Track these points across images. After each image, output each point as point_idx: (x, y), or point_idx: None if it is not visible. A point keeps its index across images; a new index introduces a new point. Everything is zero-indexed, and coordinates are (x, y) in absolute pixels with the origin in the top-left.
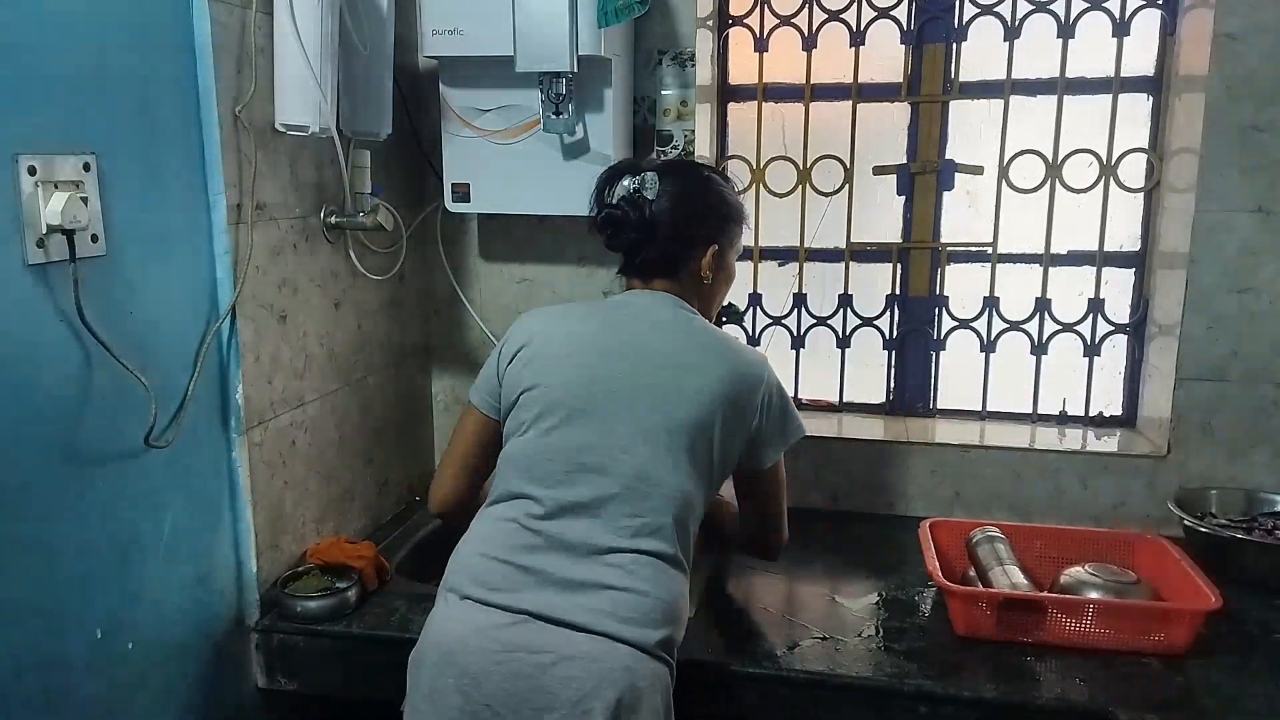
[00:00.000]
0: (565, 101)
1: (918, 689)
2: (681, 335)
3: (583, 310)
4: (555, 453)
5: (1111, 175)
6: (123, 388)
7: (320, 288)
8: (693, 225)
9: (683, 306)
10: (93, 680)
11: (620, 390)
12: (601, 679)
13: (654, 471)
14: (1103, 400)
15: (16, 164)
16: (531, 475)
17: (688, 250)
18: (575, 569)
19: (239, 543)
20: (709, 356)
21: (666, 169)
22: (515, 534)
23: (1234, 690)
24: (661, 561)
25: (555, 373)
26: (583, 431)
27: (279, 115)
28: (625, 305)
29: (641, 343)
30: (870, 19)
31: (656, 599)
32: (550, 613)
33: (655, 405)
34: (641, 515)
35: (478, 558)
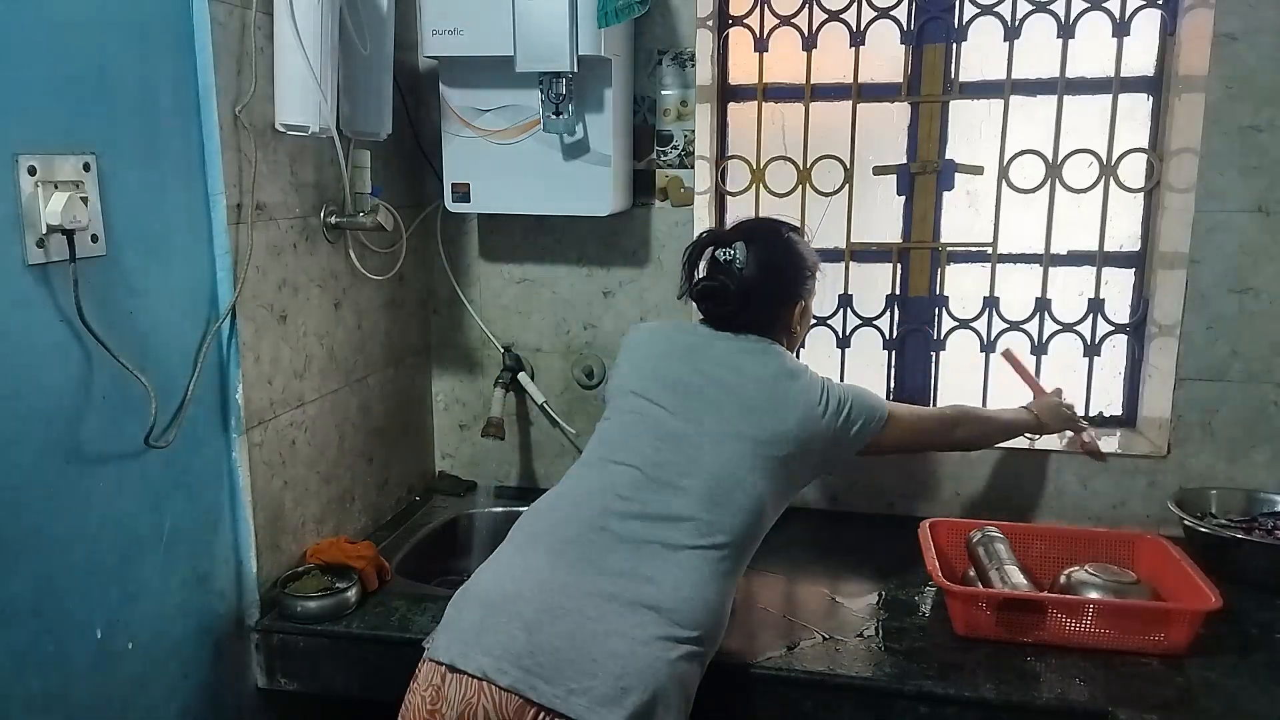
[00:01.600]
0: (565, 101)
1: (918, 689)
2: (775, 362)
3: (688, 327)
4: (644, 430)
5: (1111, 175)
6: (123, 388)
7: (320, 288)
8: (783, 289)
9: (772, 345)
10: (93, 680)
11: (712, 398)
12: (644, 668)
13: (731, 474)
14: (1103, 400)
15: (16, 164)
16: (621, 445)
17: (779, 313)
18: (638, 556)
19: (239, 543)
20: (797, 384)
21: (751, 235)
22: (597, 497)
23: (1234, 690)
24: (718, 566)
25: (648, 368)
26: (671, 419)
27: (279, 115)
28: (722, 335)
29: (735, 363)
30: (870, 19)
31: (704, 600)
32: (611, 589)
33: (743, 415)
34: (713, 517)
35: (565, 505)
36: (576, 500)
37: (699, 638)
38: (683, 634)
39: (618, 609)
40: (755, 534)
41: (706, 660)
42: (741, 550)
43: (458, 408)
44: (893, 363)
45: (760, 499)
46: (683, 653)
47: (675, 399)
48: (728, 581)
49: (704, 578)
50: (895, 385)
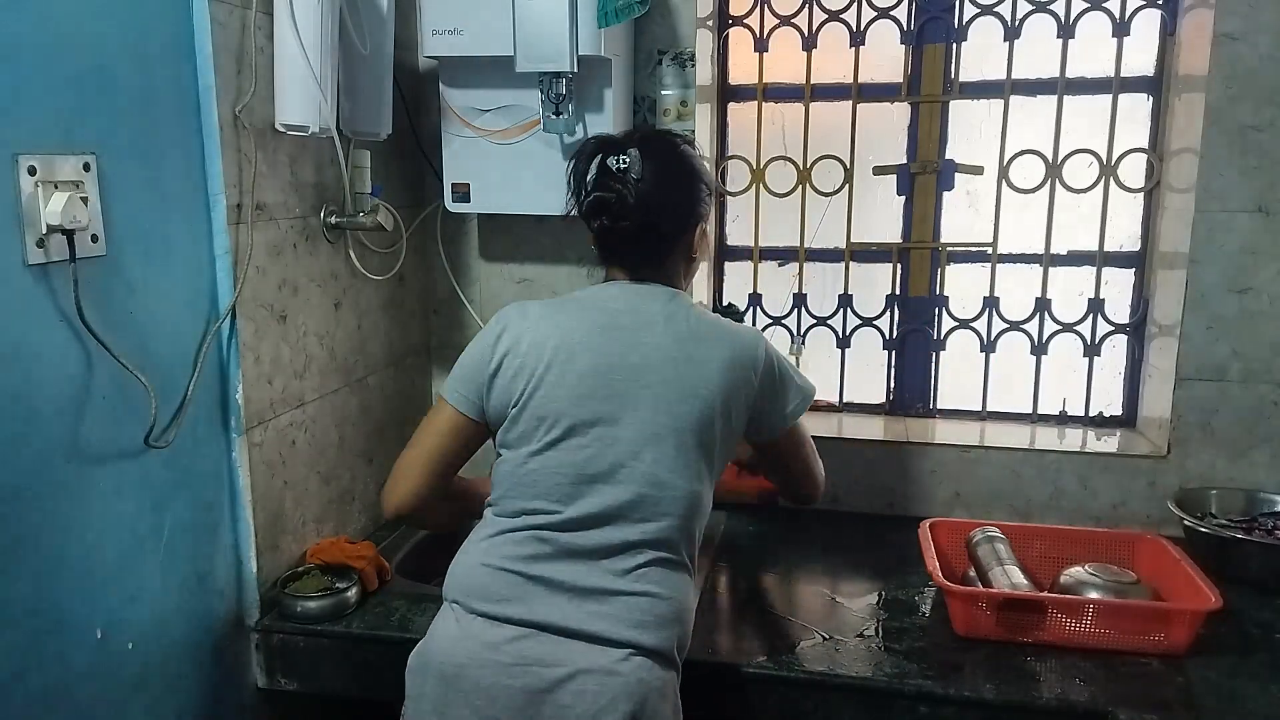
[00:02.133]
0: (565, 101)
1: (918, 689)
2: (676, 328)
3: (573, 308)
4: (562, 466)
5: (1111, 175)
6: (123, 388)
7: (320, 288)
8: (682, 205)
9: (675, 296)
10: (93, 680)
11: (623, 394)
12: (616, 693)
13: (665, 475)
14: (1103, 400)
15: (16, 164)
16: (538, 492)
17: (679, 232)
18: (588, 576)
19: (239, 543)
20: (706, 347)
21: (646, 143)
22: (523, 544)
23: (1234, 690)
24: (671, 566)
25: (551, 382)
26: (588, 442)
27: (279, 115)
28: (615, 299)
29: (639, 340)
30: (870, 19)
31: (669, 601)
32: (563, 623)
33: (660, 406)
34: (653, 520)
35: (482, 569)
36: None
37: (672, 643)
38: (653, 641)
39: (581, 646)
40: (697, 523)
41: (681, 664)
42: (690, 545)
43: None
44: (893, 363)
45: (695, 489)
46: (653, 665)
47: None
48: (688, 580)
49: (663, 582)
50: (895, 385)
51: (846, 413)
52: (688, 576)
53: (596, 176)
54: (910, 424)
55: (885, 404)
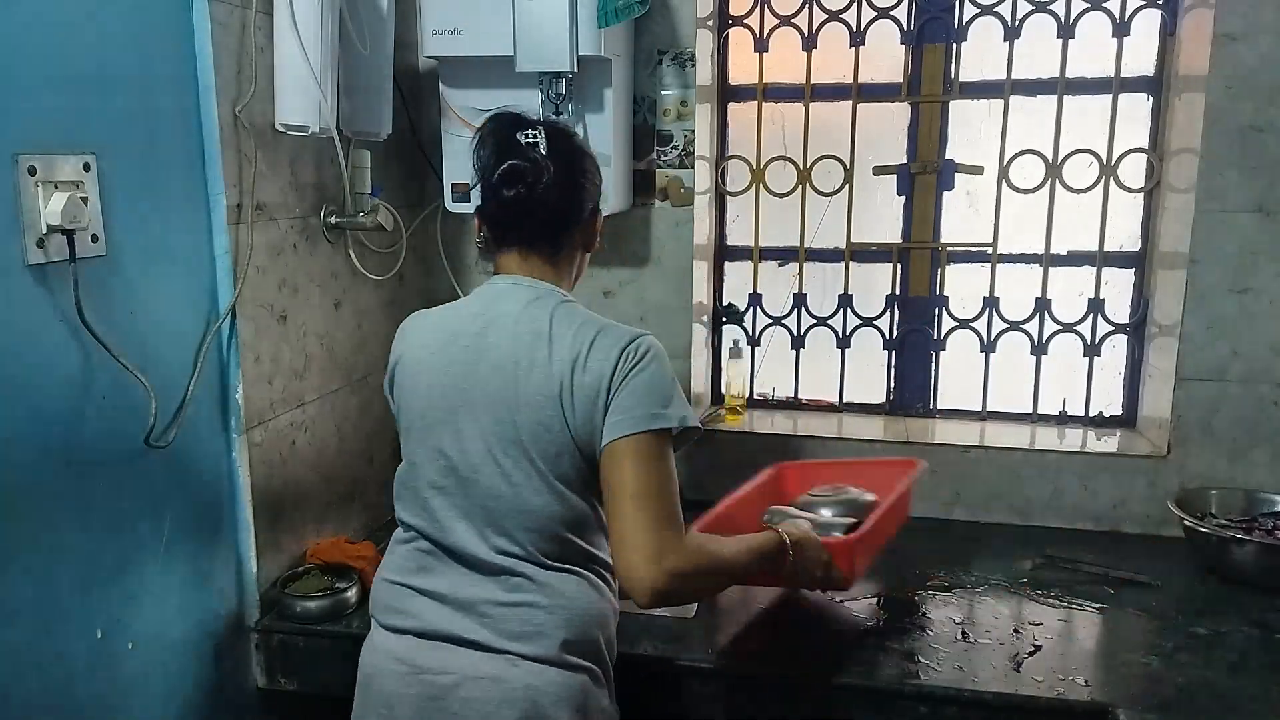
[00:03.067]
0: (565, 101)
1: (918, 689)
2: (523, 332)
3: (435, 320)
4: (420, 480)
5: (1111, 175)
6: (123, 388)
7: (320, 288)
8: (584, 188)
9: (545, 293)
10: (93, 680)
11: (467, 405)
12: (502, 699)
13: (506, 490)
14: (1103, 400)
15: (16, 164)
16: (405, 501)
17: (580, 215)
18: (468, 588)
19: (239, 543)
20: (559, 349)
21: (549, 126)
22: (409, 557)
23: (1234, 690)
24: (546, 570)
25: (412, 390)
26: (438, 454)
27: (279, 115)
28: (480, 299)
29: (485, 347)
30: (870, 19)
31: (550, 609)
32: (450, 631)
33: (502, 415)
34: (512, 532)
35: (383, 584)
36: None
37: (566, 649)
38: (541, 650)
39: (468, 654)
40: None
41: (595, 664)
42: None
43: None
44: (893, 363)
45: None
46: (544, 670)
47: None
48: (580, 582)
49: (539, 597)
50: (895, 385)
51: (846, 413)
52: (575, 576)
53: (507, 148)
54: (910, 424)
55: (885, 404)
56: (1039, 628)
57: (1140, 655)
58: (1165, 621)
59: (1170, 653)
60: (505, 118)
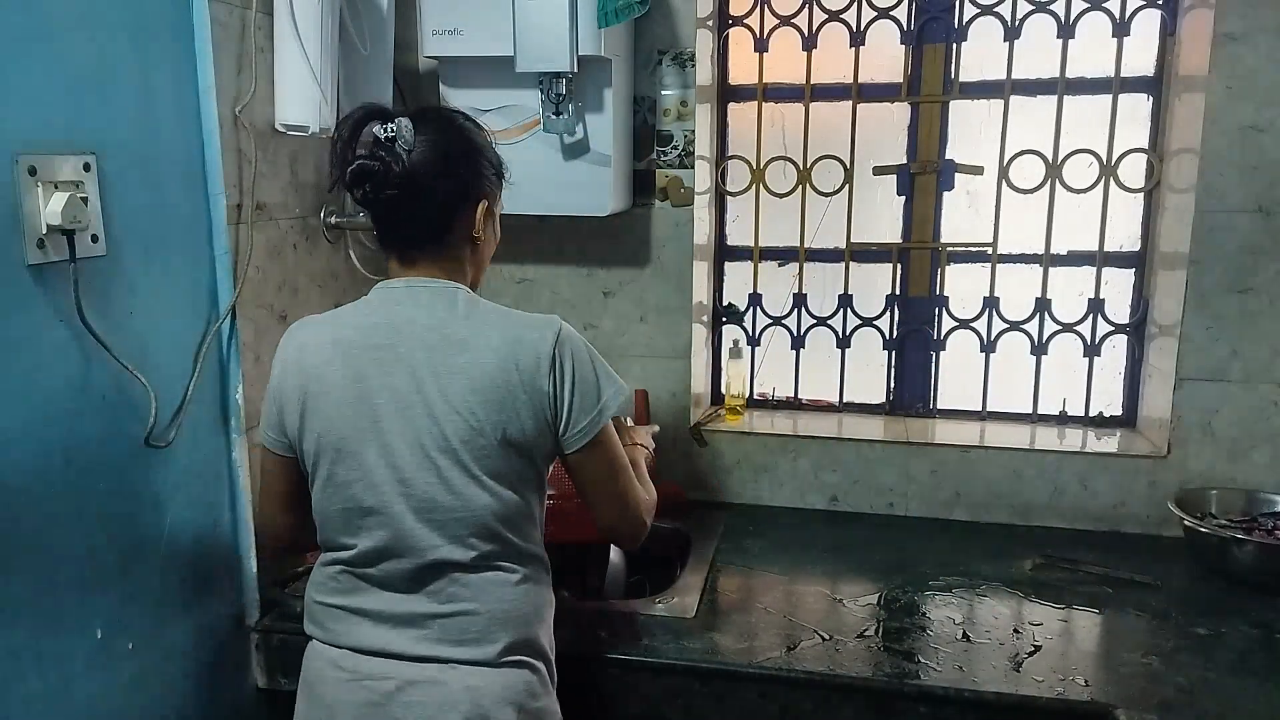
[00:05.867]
0: (565, 101)
1: (918, 689)
2: (433, 338)
3: (332, 329)
4: (337, 501)
5: (1111, 175)
6: (123, 388)
7: (320, 288)
8: (460, 178)
9: (441, 292)
10: (93, 680)
11: (382, 419)
12: (444, 702)
13: (441, 497)
14: (1103, 400)
15: (16, 164)
16: (329, 526)
17: (458, 208)
18: (402, 604)
19: (239, 543)
20: (470, 354)
21: (420, 116)
22: (335, 578)
23: (1234, 690)
24: (487, 573)
25: (316, 413)
26: (355, 473)
27: (279, 115)
28: (379, 307)
29: (396, 358)
30: (870, 19)
31: (488, 613)
32: (388, 648)
33: (425, 425)
34: (445, 543)
35: (314, 604)
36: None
37: (503, 650)
38: (479, 653)
39: (407, 662)
40: (507, 531)
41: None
42: (505, 550)
43: None
44: (893, 363)
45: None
46: (485, 671)
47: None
48: (513, 583)
49: (476, 604)
50: (895, 385)
51: (846, 413)
52: (517, 579)
53: (360, 145)
54: (910, 424)
55: (885, 404)
56: (1039, 628)
57: (1140, 655)
58: (1165, 621)
59: (1170, 653)
60: (366, 110)
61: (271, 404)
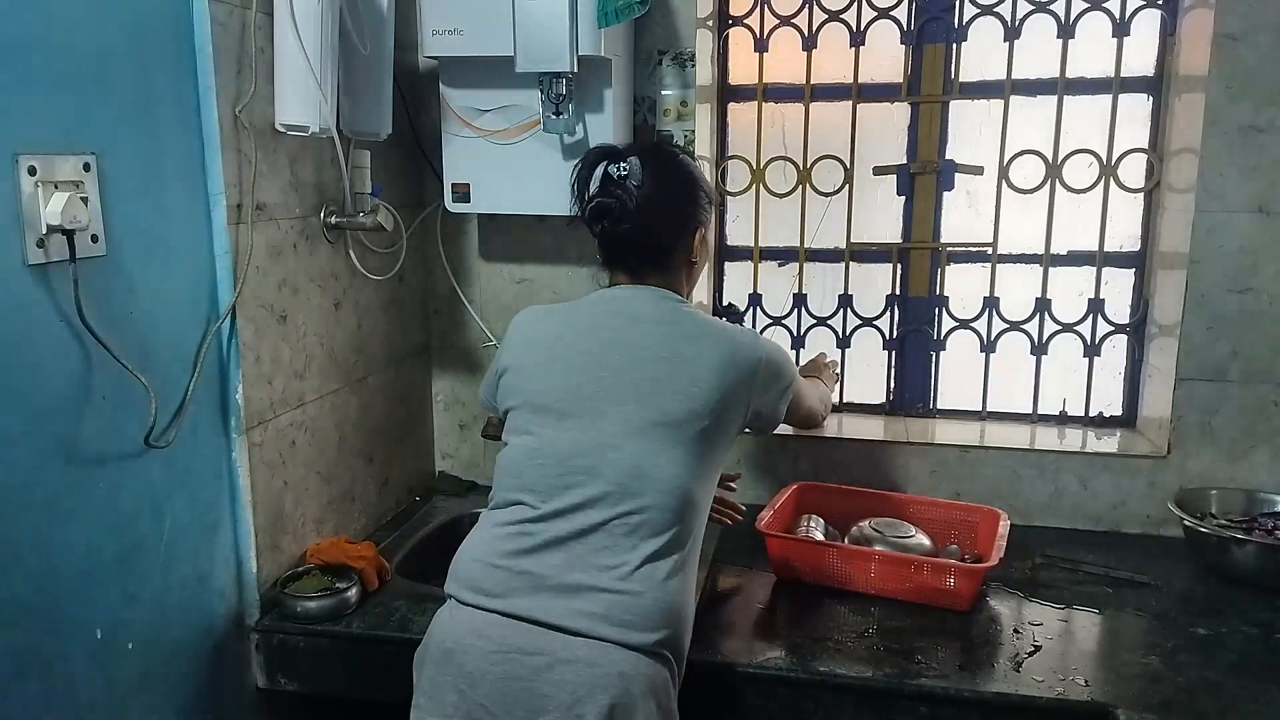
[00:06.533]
0: (565, 101)
1: (918, 689)
2: (670, 326)
3: (567, 311)
4: (546, 458)
5: (1111, 175)
6: (123, 388)
7: (320, 288)
8: (681, 210)
9: (668, 297)
10: (93, 680)
11: (609, 389)
12: (595, 684)
13: (647, 467)
14: (1103, 400)
15: (16, 164)
16: (524, 483)
17: (680, 237)
18: (570, 573)
19: (239, 543)
20: (702, 346)
21: (646, 152)
22: (510, 538)
23: (1234, 690)
24: (659, 560)
25: (539, 379)
26: (571, 434)
27: (279, 115)
28: (610, 301)
29: (628, 339)
30: (870, 19)
31: (654, 599)
32: (545, 617)
33: (646, 400)
34: (637, 513)
35: (474, 564)
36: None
37: (659, 640)
38: (637, 638)
39: (561, 637)
40: (689, 518)
41: (676, 660)
42: (680, 539)
43: (458, 408)
44: (893, 363)
45: (682, 483)
46: (637, 660)
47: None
48: (679, 576)
49: (649, 577)
50: (895, 385)
51: (846, 413)
52: (680, 575)
53: (598, 183)
54: (910, 424)
55: (885, 404)
56: (1039, 628)
57: (1140, 655)
58: (1165, 621)
59: (1170, 653)
60: (599, 151)
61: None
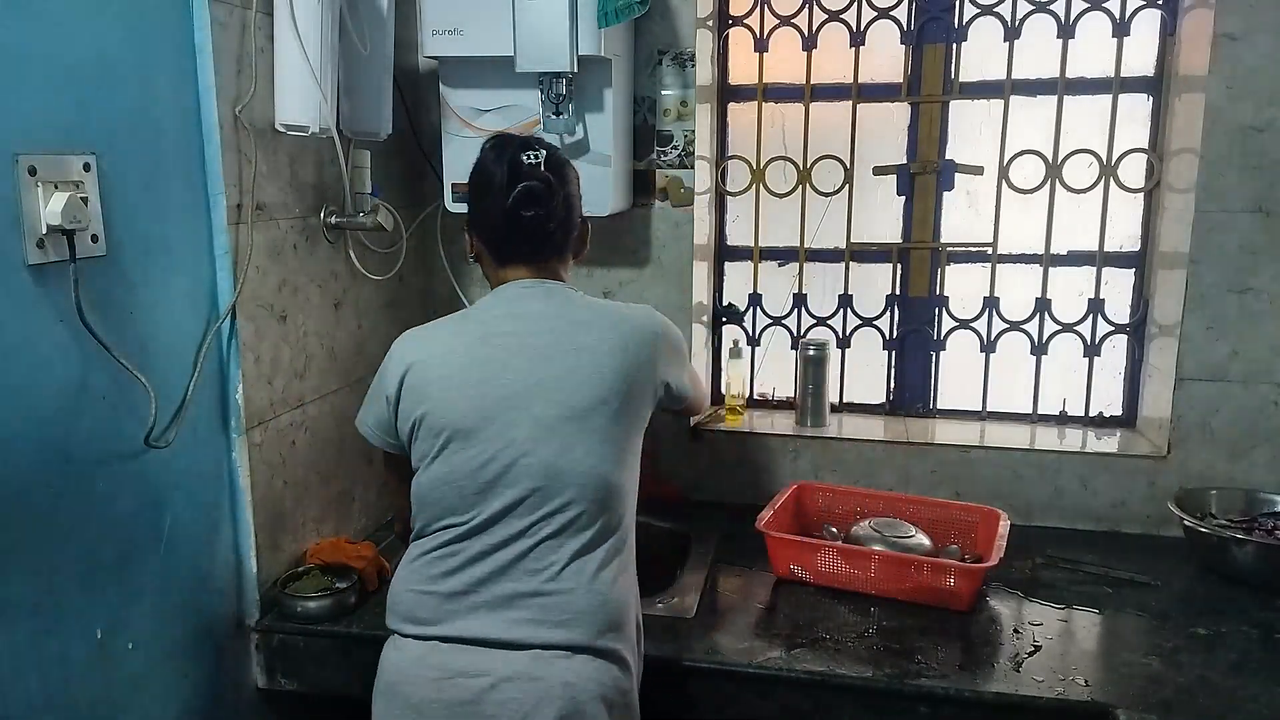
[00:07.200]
0: (565, 101)
1: (917, 689)
2: (564, 319)
3: (454, 325)
4: (460, 478)
5: (1111, 175)
6: (123, 388)
7: (320, 288)
8: (577, 199)
9: (559, 289)
10: (93, 680)
11: (513, 395)
12: (541, 697)
13: (563, 464)
14: (1103, 400)
15: (16, 164)
16: (443, 505)
17: (574, 227)
18: (500, 584)
19: (239, 543)
20: (599, 331)
21: (537, 143)
22: (436, 562)
23: (1234, 690)
24: (588, 554)
25: (439, 397)
26: (480, 448)
27: (279, 115)
28: (499, 305)
29: (524, 341)
30: (870, 19)
31: (587, 595)
32: (482, 634)
33: (551, 398)
34: (560, 511)
35: (407, 594)
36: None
37: (601, 637)
38: (578, 638)
39: (502, 654)
40: (615, 506)
41: (627, 654)
42: (607, 529)
43: None
44: (893, 363)
45: (600, 472)
46: (583, 665)
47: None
48: (611, 567)
49: (579, 573)
50: (895, 385)
51: (846, 413)
52: (613, 566)
53: (517, 171)
54: (910, 424)
55: (885, 404)
56: (1039, 628)
57: (1140, 655)
58: (1165, 621)
59: (1170, 653)
60: (510, 140)
61: (383, 405)
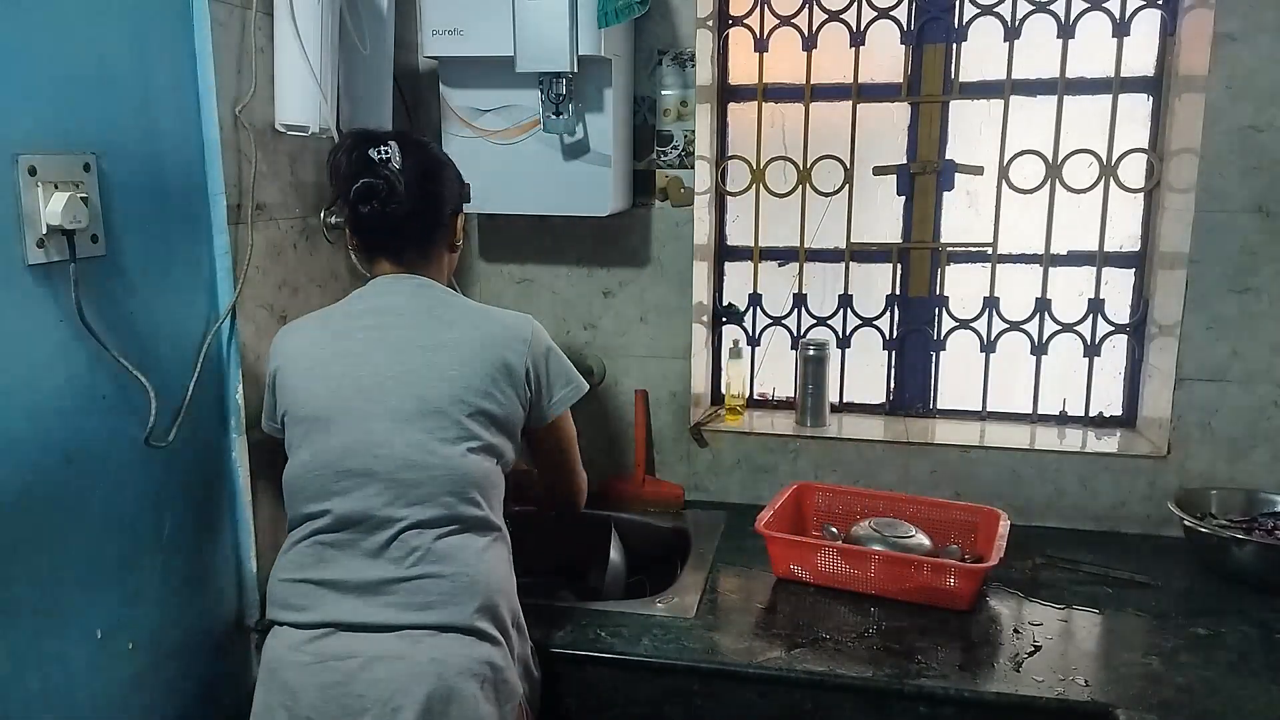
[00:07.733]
0: (565, 101)
1: (918, 689)
2: (429, 316)
3: (323, 318)
4: (321, 468)
5: (1111, 175)
6: (123, 388)
7: (320, 288)
8: (441, 192)
9: (428, 286)
10: (93, 680)
11: (371, 388)
12: (410, 675)
13: (419, 457)
14: (1103, 400)
15: (16, 164)
16: (306, 494)
17: (440, 221)
18: (369, 571)
19: (239, 543)
20: (461, 330)
21: (401, 139)
22: (307, 551)
23: (1234, 690)
24: (451, 540)
25: (301, 389)
26: (340, 439)
27: (279, 115)
28: (367, 298)
29: (387, 336)
30: (870, 19)
31: (454, 577)
32: (354, 619)
33: (408, 392)
34: (420, 504)
35: (282, 584)
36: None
37: (472, 615)
38: (449, 617)
39: (372, 636)
40: (475, 495)
41: (500, 632)
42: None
43: None
44: (893, 363)
45: (457, 464)
46: (452, 643)
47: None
48: (477, 549)
49: (443, 566)
50: (895, 385)
51: (846, 413)
52: (482, 546)
53: (361, 166)
54: (910, 424)
55: (885, 404)
56: (1039, 628)
57: (1140, 655)
58: (1165, 621)
59: (1170, 653)
60: (358, 135)
61: (269, 398)
